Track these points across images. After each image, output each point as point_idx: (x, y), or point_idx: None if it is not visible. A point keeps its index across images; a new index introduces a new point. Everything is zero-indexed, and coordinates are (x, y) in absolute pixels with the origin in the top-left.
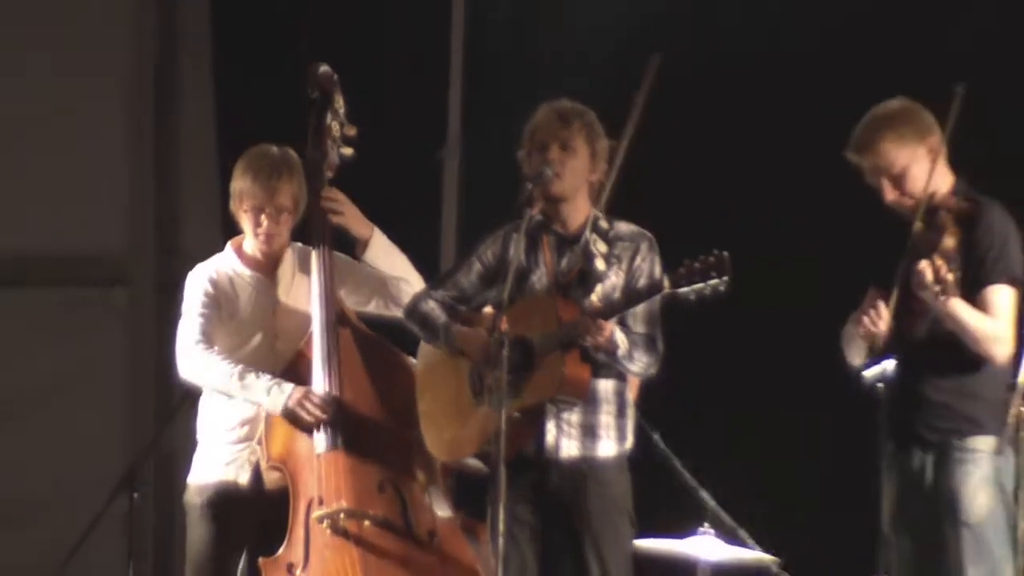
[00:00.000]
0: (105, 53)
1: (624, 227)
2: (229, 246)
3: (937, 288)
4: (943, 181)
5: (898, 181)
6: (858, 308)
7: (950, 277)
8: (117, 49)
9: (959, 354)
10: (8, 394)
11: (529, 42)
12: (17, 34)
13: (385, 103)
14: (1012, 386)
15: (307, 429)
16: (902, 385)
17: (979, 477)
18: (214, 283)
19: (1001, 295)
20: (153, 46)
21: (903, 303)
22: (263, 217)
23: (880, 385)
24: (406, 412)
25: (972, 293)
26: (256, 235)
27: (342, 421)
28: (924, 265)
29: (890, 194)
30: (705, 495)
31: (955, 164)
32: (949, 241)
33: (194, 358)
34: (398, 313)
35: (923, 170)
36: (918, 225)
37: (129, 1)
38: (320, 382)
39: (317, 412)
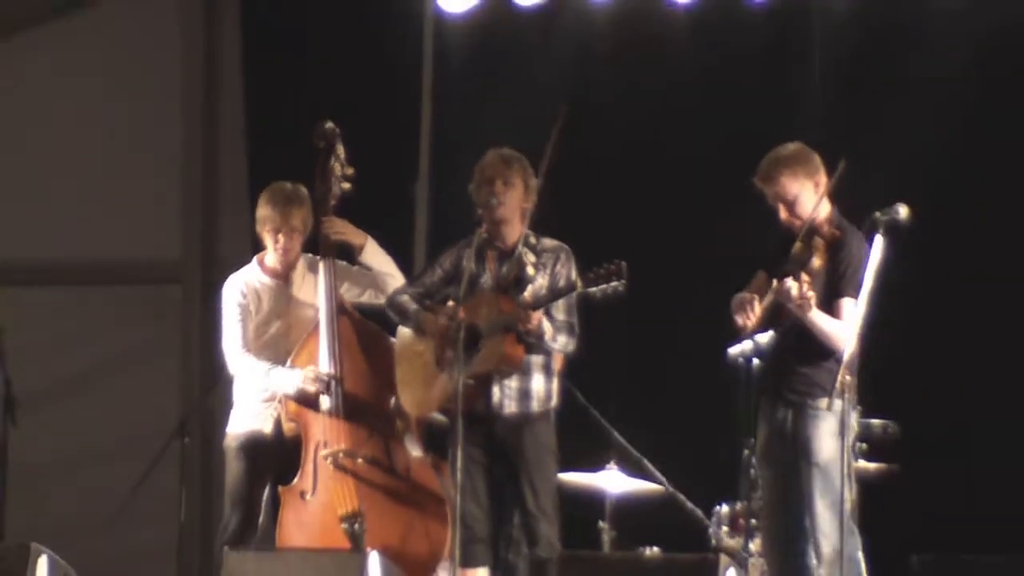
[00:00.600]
0: (164, 117)
1: (548, 242)
2: (255, 260)
3: (800, 303)
4: (824, 209)
5: (791, 206)
6: (747, 286)
7: (811, 294)
8: (173, 115)
9: (816, 341)
10: (90, 368)
11: (484, 101)
12: (94, 89)
13: (373, 149)
14: (839, 360)
15: (314, 403)
16: (776, 357)
17: (826, 429)
18: (243, 293)
19: (850, 306)
20: (198, 114)
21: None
22: (280, 236)
23: (740, 360)
24: (389, 379)
25: (831, 300)
26: (276, 250)
27: (342, 387)
28: (791, 284)
29: (784, 215)
30: (616, 435)
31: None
32: (817, 262)
33: (238, 361)
34: (384, 301)
35: (810, 199)
36: (798, 245)
37: (179, 77)
38: (326, 360)
39: (321, 387)
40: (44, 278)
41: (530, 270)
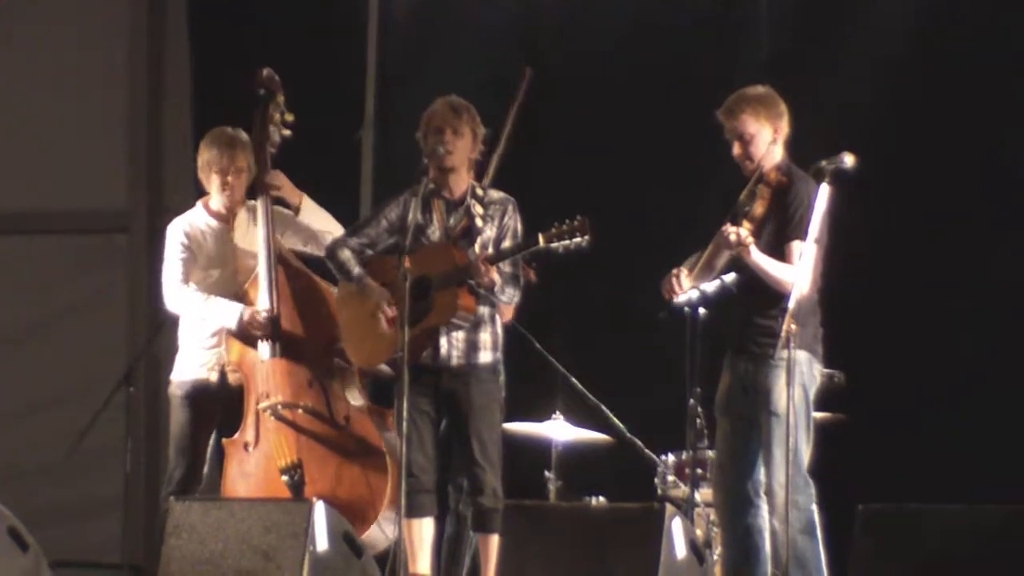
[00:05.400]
0: (110, 69)
1: (495, 193)
2: (199, 203)
3: (739, 248)
4: (777, 155)
5: (745, 144)
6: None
7: (750, 240)
8: (119, 67)
9: (772, 290)
10: (38, 316)
11: (429, 48)
12: (41, 37)
13: (317, 96)
14: (785, 309)
15: (254, 342)
16: (737, 310)
17: (787, 380)
18: (188, 234)
19: (799, 249)
20: (144, 65)
21: None
22: (229, 177)
23: (687, 309)
24: (328, 328)
25: (780, 246)
26: (223, 192)
27: (280, 336)
28: (731, 230)
29: (737, 150)
30: (575, 381)
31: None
32: (759, 209)
33: (176, 295)
34: (321, 253)
35: (765, 143)
36: (744, 193)
37: (124, 28)
38: (264, 308)
39: (261, 326)
40: None
41: (478, 221)
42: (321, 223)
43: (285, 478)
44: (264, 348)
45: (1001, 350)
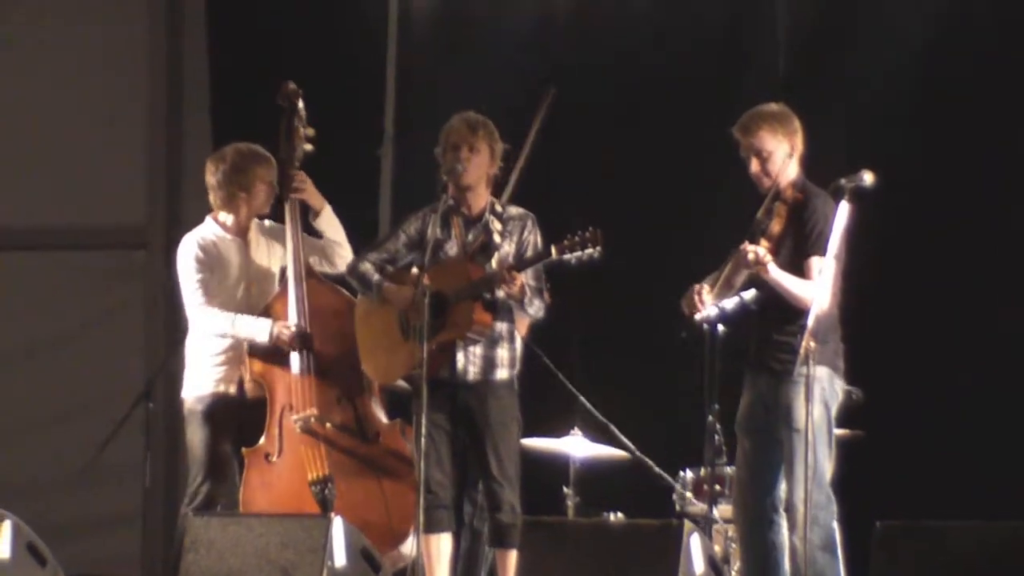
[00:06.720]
0: (128, 84)
1: (513, 210)
2: (209, 218)
3: (756, 266)
4: (792, 172)
5: (764, 161)
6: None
7: (768, 258)
8: (137, 83)
9: (792, 307)
10: (56, 331)
11: (447, 68)
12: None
13: (338, 114)
14: (804, 326)
15: (278, 355)
16: (757, 327)
17: (806, 396)
18: (202, 247)
19: (818, 265)
20: (163, 81)
21: None
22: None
23: (706, 326)
24: (356, 345)
25: (799, 261)
26: (268, 203)
27: (311, 350)
28: (749, 248)
29: (754, 167)
30: (583, 399)
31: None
32: (776, 227)
33: (201, 319)
34: (329, 269)
35: (782, 159)
36: (761, 211)
37: (143, 44)
38: (293, 322)
39: (291, 341)
40: (8, 243)
41: (496, 238)
42: (334, 233)
43: (315, 490)
44: (295, 362)
45: (1021, 367)
